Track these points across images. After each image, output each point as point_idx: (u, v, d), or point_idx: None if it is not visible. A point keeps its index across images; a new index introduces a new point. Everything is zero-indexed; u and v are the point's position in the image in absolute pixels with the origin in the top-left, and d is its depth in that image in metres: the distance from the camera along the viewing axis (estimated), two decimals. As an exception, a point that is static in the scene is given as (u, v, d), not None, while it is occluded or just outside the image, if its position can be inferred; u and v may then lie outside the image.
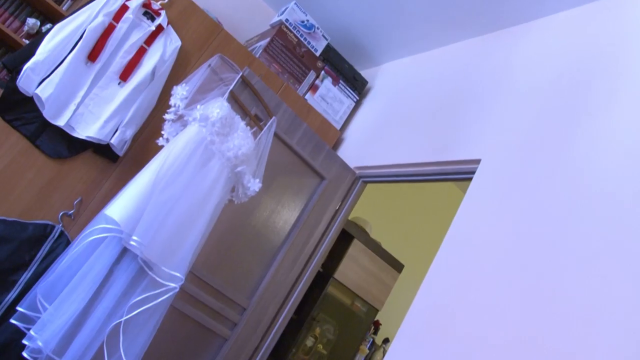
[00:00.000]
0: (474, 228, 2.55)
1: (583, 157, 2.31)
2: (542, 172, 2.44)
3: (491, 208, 2.55)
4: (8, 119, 2.96)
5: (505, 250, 2.31)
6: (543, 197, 2.35)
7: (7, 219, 2.91)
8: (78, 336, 2.47)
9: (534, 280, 2.13)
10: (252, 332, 3.23)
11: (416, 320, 2.49)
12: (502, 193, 2.56)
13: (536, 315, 2.02)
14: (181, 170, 2.67)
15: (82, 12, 3.04)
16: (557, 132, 2.53)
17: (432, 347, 2.30)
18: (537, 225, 2.28)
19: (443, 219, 5.36)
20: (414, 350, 2.39)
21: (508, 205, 2.48)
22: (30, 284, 2.84)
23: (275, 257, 3.32)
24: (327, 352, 4.29)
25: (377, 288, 4.46)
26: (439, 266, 2.60)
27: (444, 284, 2.48)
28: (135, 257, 2.59)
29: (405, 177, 3.40)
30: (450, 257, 2.57)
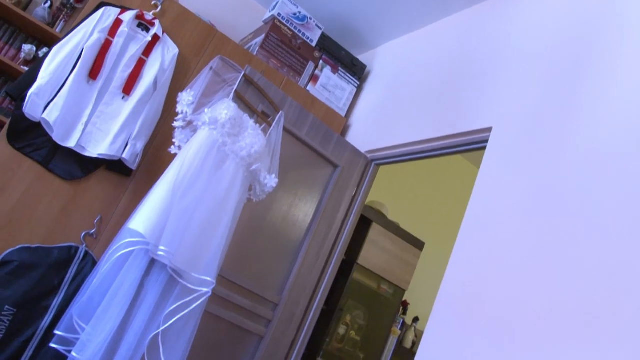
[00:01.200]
0: (495, 195, 2.56)
1: (592, 115, 2.32)
2: (554, 133, 2.44)
3: (509, 173, 2.56)
4: (19, 147, 2.96)
5: (529, 214, 2.32)
6: (558, 158, 2.35)
7: (31, 246, 2.93)
8: (119, 352, 2.49)
9: (559, 240, 2.13)
10: (287, 326, 3.25)
11: (449, 294, 2.50)
12: (517, 157, 2.56)
13: (565, 275, 2.03)
14: (198, 175, 2.68)
15: (78, 32, 3.04)
16: (563, 92, 2.53)
17: (468, 318, 2.31)
18: (556, 186, 2.28)
19: (455, 191, 5.40)
20: (451, 325, 2.39)
21: (525, 169, 2.48)
22: (63, 308, 2.87)
23: (299, 250, 3.33)
24: (360, 337, 4.31)
25: (401, 268, 4.47)
26: (465, 237, 2.60)
27: (472, 254, 2.49)
28: (164, 267, 2.60)
29: (417, 155, 3.40)
30: (475, 227, 2.57)
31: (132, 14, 3.18)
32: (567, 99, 2.49)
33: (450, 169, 5.19)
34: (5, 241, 2.88)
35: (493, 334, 2.17)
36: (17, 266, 2.85)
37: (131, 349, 2.50)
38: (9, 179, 2.94)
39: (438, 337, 2.44)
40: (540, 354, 1.96)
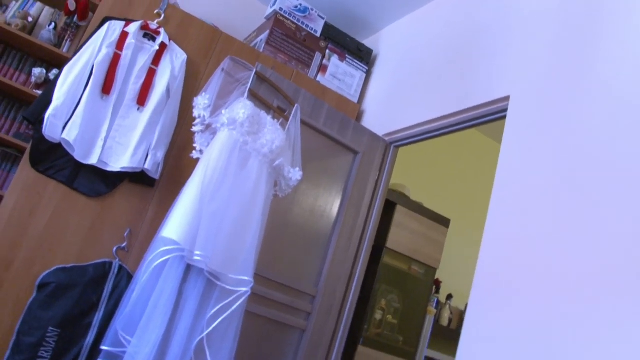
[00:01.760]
0: (521, 163, 2.55)
1: (611, 67, 2.30)
2: (574, 91, 2.43)
3: (533, 139, 2.55)
4: (42, 170, 2.98)
5: (558, 178, 2.31)
6: (582, 116, 2.34)
7: (66, 266, 2.95)
8: (167, 359, 2.51)
9: (593, 203, 2.13)
10: (326, 317, 3.26)
11: (487, 267, 2.50)
12: (540, 122, 2.55)
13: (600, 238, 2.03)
14: (223, 176, 2.69)
15: (86, 49, 3.05)
16: (579, 47, 2.52)
17: (510, 290, 2.31)
18: (583, 146, 2.27)
19: (473, 165, 5.40)
20: (493, 298, 2.39)
21: (549, 133, 2.47)
22: (104, 323, 2.89)
23: (330, 240, 3.34)
24: (397, 320, 4.31)
25: (430, 247, 4.47)
26: (496, 208, 2.60)
27: (505, 224, 2.49)
28: (201, 272, 2.61)
29: (435, 132, 3.40)
30: (505, 198, 2.57)
31: (137, 25, 3.18)
32: (583, 54, 2.47)
33: (465, 143, 5.17)
34: (41, 264, 2.91)
35: (533, 300, 2.17)
36: (55, 287, 2.88)
37: (178, 356, 2.52)
38: (37, 202, 2.96)
39: (481, 309, 2.44)
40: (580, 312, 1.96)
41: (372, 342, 4.13)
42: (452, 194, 5.22)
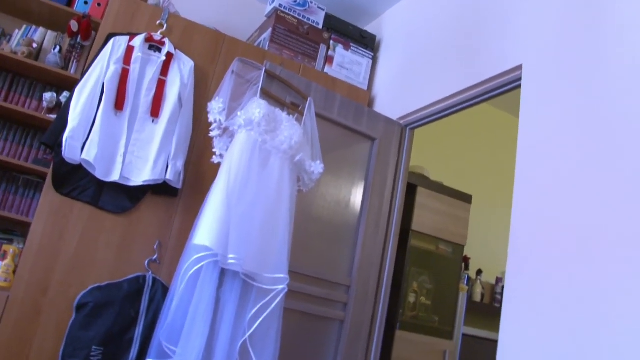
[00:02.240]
0: (542, 130, 2.54)
1: (626, 24, 2.28)
2: (588, 51, 2.41)
3: (551, 104, 2.54)
4: (66, 193, 3.00)
5: (583, 140, 2.30)
6: (598, 77, 2.33)
7: (101, 285, 2.97)
8: (213, 366, 2.53)
9: (620, 158, 2.12)
10: (363, 305, 3.28)
11: (521, 240, 2.49)
12: (556, 88, 2.54)
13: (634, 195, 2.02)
14: (247, 177, 2.69)
15: (94, 68, 3.06)
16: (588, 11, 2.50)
17: (547, 257, 2.31)
18: (602, 105, 2.26)
19: (489, 139, 5.38)
20: (529, 268, 2.39)
21: (566, 97, 2.46)
22: (145, 336, 2.91)
23: (357, 229, 3.35)
24: (431, 301, 4.32)
25: (455, 225, 4.46)
26: (522, 178, 2.58)
27: (534, 196, 2.48)
28: (236, 274, 2.62)
29: (450, 110, 3.39)
30: (530, 167, 2.55)
31: (141, 38, 3.19)
32: (594, 15, 2.45)
33: (478, 119, 5.15)
34: (76, 285, 2.93)
35: (572, 264, 2.17)
36: (93, 307, 2.90)
37: (223, 359, 2.54)
38: (65, 225, 2.98)
39: (519, 281, 2.44)
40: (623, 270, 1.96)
41: (409, 325, 4.13)
42: (471, 170, 5.21)
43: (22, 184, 3.46)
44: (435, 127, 3.94)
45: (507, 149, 4.90)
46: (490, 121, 5.43)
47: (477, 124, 5.31)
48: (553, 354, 2.16)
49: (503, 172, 5.27)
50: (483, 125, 5.39)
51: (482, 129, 5.42)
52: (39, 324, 2.85)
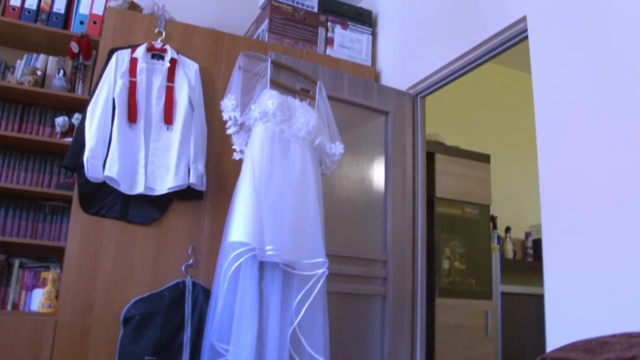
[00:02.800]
0: (557, 78, 2.53)
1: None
2: None
3: (560, 52, 2.53)
4: (94, 212, 3.03)
5: (599, 83, 2.30)
6: (601, 18, 2.32)
7: (143, 296, 3.00)
8: (267, 358, 2.55)
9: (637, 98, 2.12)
10: (402, 278, 3.31)
11: (551, 192, 2.49)
12: (564, 35, 2.53)
13: None
14: (271, 169, 2.71)
15: (102, 85, 3.07)
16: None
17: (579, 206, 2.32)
18: (612, 45, 2.26)
19: (498, 97, 5.38)
20: (564, 220, 2.40)
21: (575, 42, 2.45)
22: (195, 340, 2.95)
23: (385, 203, 3.38)
24: (465, 265, 4.33)
25: (478, 186, 4.46)
26: (544, 130, 2.57)
27: (558, 146, 2.47)
28: (275, 265, 2.65)
29: (458, 73, 3.39)
30: (550, 118, 2.55)
31: (143, 48, 3.20)
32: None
33: (485, 79, 5.13)
34: (119, 301, 2.96)
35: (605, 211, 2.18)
36: (139, 319, 2.93)
37: (276, 351, 2.57)
38: (98, 244, 3.01)
39: (555, 234, 2.45)
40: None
41: (448, 292, 4.15)
42: (484, 131, 5.22)
43: (49, 210, 3.49)
44: (445, 93, 3.93)
45: (518, 105, 4.92)
46: (498, 80, 5.43)
47: (485, 84, 5.30)
48: (599, 301, 2.17)
49: (517, 128, 5.29)
50: (491, 85, 5.40)
51: (490, 88, 5.43)
52: (90, 344, 2.89)
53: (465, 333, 4.13)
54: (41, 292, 3.17)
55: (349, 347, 3.11)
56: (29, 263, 3.38)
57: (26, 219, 3.45)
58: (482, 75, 4.44)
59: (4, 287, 3.31)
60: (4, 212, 3.41)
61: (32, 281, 3.32)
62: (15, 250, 3.39)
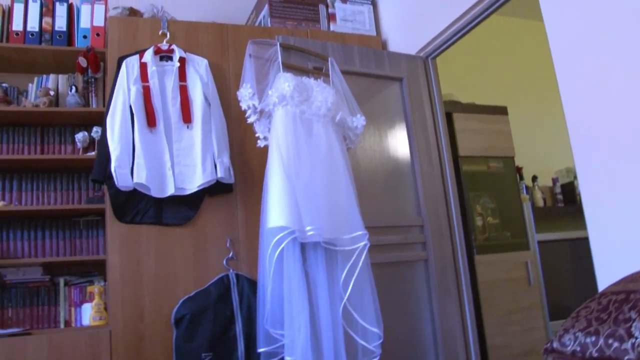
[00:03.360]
0: (572, 20, 2.51)
1: None
2: None
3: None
4: (129, 220, 3.06)
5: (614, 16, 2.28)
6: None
7: (190, 295, 3.04)
8: (322, 338, 2.57)
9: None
10: (441, 240, 3.32)
11: (582, 136, 2.47)
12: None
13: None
14: (297, 151, 2.71)
15: (117, 95, 3.09)
16: None
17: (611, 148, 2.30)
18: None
19: (507, 48, 5.34)
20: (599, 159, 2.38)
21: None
22: (247, 330, 3.00)
23: (413, 168, 3.39)
24: (497, 219, 4.32)
25: (499, 139, 4.43)
26: (565, 72, 2.55)
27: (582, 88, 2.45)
28: (317, 245, 2.65)
29: (465, 29, 3.38)
30: (569, 60, 2.52)
31: (150, 52, 3.20)
32: None
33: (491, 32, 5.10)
34: (167, 303, 3.00)
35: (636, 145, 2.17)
36: (190, 318, 2.97)
37: (330, 329, 2.59)
38: (138, 251, 3.04)
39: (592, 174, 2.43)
40: None
41: (485, 248, 4.15)
42: (498, 83, 5.19)
43: (84, 226, 3.53)
44: (454, 52, 3.90)
45: (530, 54, 4.89)
46: (507, 31, 5.42)
47: (494, 37, 5.27)
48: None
49: (530, 77, 5.27)
50: (501, 37, 5.40)
51: (500, 41, 5.43)
52: (146, 349, 2.94)
53: (509, 286, 4.14)
54: (90, 306, 3.22)
55: (399, 315, 3.13)
56: (73, 280, 3.43)
57: (63, 237, 3.49)
58: (490, 29, 4.42)
59: (53, 307, 3.36)
60: (41, 235, 3.46)
61: (79, 297, 3.37)
62: (57, 270, 3.44)
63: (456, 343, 3.24)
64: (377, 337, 2.69)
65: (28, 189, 3.53)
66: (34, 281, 3.37)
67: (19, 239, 3.43)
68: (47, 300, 3.37)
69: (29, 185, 3.53)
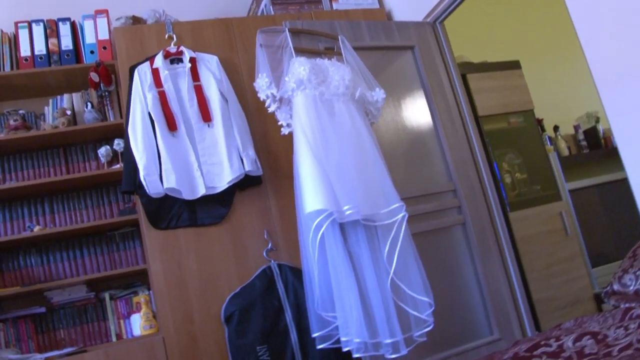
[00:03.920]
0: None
1: None
2: None
3: None
4: (164, 226, 3.07)
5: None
6: None
7: (236, 291, 3.06)
8: (375, 313, 2.58)
9: None
10: (475, 201, 3.32)
11: (608, 80, 2.44)
12: None
13: None
14: (323, 132, 2.70)
15: (134, 104, 3.09)
16: None
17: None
18: None
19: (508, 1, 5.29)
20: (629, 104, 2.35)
21: None
22: (297, 317, 3.01)
23: (438, 134, 3.37)
24: (525, 174, 4.30)
25: (516, 94, 4.40)
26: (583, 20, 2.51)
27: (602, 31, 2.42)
28: (356, 224, 2.65)
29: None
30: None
31: (160, 56, 3.20)
32: None
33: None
34: (214, 302, 3.02)
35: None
36: (239, 314, 2.99)
37: (381, 304, 2.59)
38: (179, 255, 3.06)
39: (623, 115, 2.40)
40: None
41: (517, 204, 4.13)
42: (508, 39, 5.14)
43: (120, 239, 3.56)
44: (460, 14, 3.86)
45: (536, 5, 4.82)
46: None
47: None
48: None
49: (539, 28, 5.21)
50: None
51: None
52: (201, 350, 2.96)
53: (546, 239, 4.12)
54: (138, 316, 3.25)
55: (445, 282, 3.12)
56: (118, 293, 3.47)
57: (101, 253, 3.53)
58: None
59: (102, 322, 3.41)
60: (80, 253, 3.50)
61: (126, 309, 3.41)
62: (101, 285, 3.48)
63: (505, 301, 3.23)
64: (427, 305, 2.69)
65: (60, 211, 3.56)
66: (80, 300, 3.42)
67: (59, 261, 3.47)
68: (95, 316, 3.42)
69: (61, 207, 3.56)
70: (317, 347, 2.61)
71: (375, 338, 2.56)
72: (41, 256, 3.46)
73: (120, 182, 3.12)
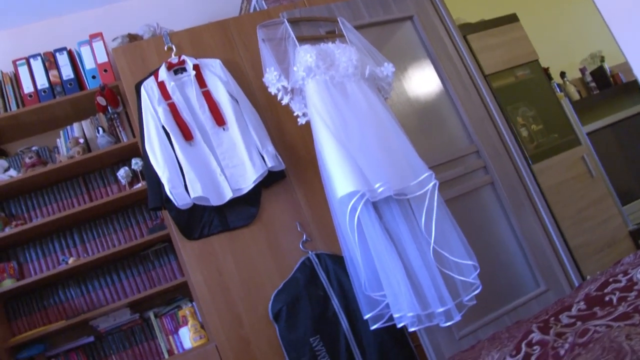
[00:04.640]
0: None
1: None
2: None
3: None
4: (198, 236, 3.07)
5: None
6: None
7: (279, 288, 3.05)
8: (422, 284, 2.58)
9: None
10: (498, 157, 3.31)
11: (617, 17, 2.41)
12: None
13: None
14: (340, 115, 2.69)
15: (146, 120, 3.07)
16: None
17: None
18: None
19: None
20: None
21: None
22: (345, 304, 3.01)
23: (451, 99, 3.36)
24: (541, 125, 4.27)
25: (518, 47, 4.36)
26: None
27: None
28: (388, 200, 2.64)
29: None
30: None
31: (163, 69, 3.18)
32: None
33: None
34: (260, 302, 3.02)
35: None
36: (286, 310, 2.99)
37: (427, 275, 2.59)
38: (216, 261, 3.05)
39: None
40: None
41: (538, 155, 4.10)
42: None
43: (154, 256, 3.57)
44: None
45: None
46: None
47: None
48: None
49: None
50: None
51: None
52: (255, 351, 2.96)
53: (573, 185, 4.10)
54: (186, 329, 3.26)
55: (484, 244, 3.10)
56: (161, 310, 3.48)
57: (138, 273, 3.54)
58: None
59: (151, 341, 3.42)
60: (117, 277, 3.51)
61: (173, 324, 3.42)
62: (143, 306, 3.50)
63: (545, 252, 3.22)
64: (472, 268, 2.69)
65: (90, 239, 3.58)
66: (126, 323, 3.44)
67: (98, 288, 3.48)
68: (144, 337, 3.43)
69: (90, 235, 3.58)
70: (371, 328, 2.61)
71: (427, 309, 2.55)
72: (80, 287, 3.47)
73: (145, 200, 3.13)
